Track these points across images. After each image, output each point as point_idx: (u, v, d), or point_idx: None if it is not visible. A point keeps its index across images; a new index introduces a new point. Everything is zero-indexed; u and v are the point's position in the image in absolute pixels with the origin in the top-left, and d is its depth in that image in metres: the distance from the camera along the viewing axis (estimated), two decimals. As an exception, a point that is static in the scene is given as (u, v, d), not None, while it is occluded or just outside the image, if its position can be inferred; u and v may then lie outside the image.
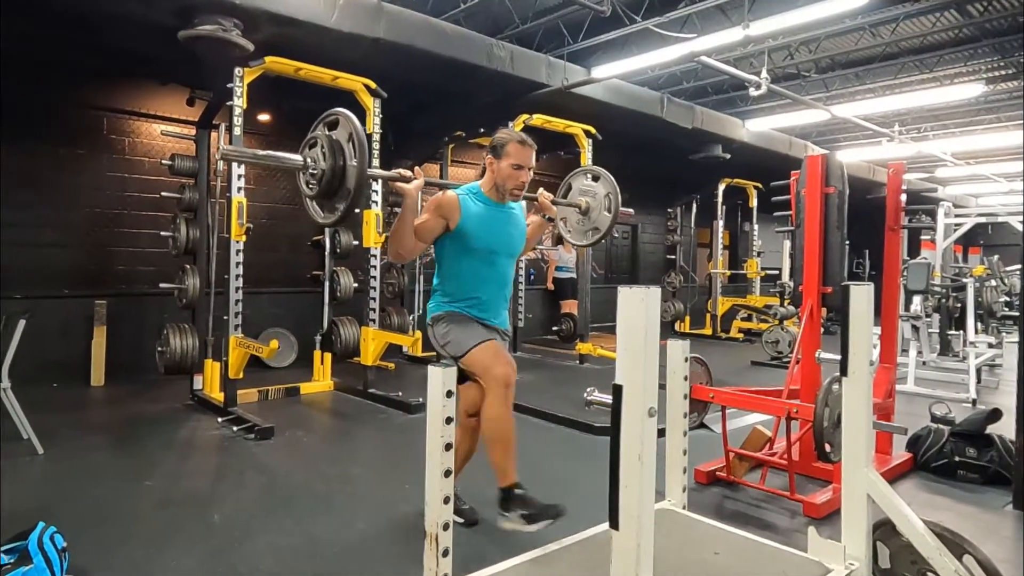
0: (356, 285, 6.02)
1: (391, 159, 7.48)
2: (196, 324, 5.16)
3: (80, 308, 5.76)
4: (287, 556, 2.55)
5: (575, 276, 8.36)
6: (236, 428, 4.27)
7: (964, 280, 6.59)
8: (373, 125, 5.22)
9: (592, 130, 6.94)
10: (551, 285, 9.08)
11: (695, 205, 10.80)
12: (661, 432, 1.83)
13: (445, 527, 1.65)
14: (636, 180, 11.06)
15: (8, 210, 5.39)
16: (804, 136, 10.40)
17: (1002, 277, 7.54)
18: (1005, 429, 3.55)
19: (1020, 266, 8.73)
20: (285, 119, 7.02)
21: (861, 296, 2.01)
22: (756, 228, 10.86)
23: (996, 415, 3.62)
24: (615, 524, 1.41)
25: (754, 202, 10.78)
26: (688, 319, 10.39)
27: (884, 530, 2.01)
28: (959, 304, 6.49)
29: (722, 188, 10.30)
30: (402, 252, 2.47)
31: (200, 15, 4.34)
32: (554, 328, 8.10)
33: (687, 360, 2.42)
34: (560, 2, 5.67)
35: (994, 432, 3.56)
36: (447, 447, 1.65)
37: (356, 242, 5.88)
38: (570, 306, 8.31)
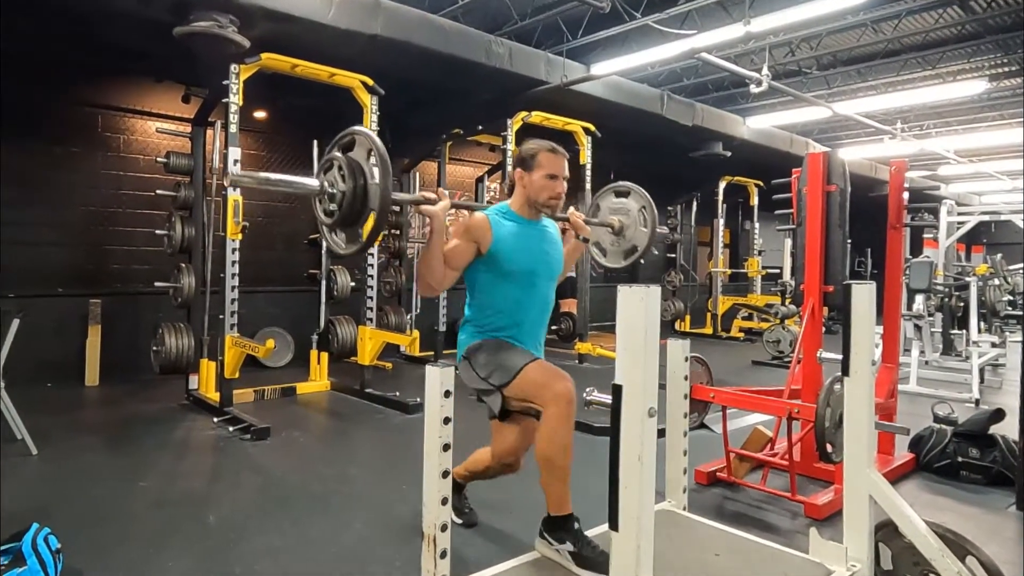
0: (353, 284, 5.99)
1: (389, 157, 7.44)
2: (192, 323, 5.14)
3: (75, 307, 5.72)
4: (283, 557, 2.53)
5: (574, 275, 8.32)
6: (232, 428, 4.25)
7: (967, 279, 6.55)
8: (370, 123, 5.19)
9: (591, 127, 6.91)
10: None
11: (695, 203, 10.76)
12: (661, 432, 1.82)
13: (443, 528, 1.65)
14: (636, 178, 10.88)
15: (2, 208, 5.34)
16: (805, 133, 10.37)
17: (1005, 276, 7.52)
18: (1008, 429, 3.54)
19: (1023, 265, 8.74)
20: (281, 116, 6.99)
21: (863, 295, 2.01)
22: (757, 226, 10.83)
23: (999, 415, 3.60)
24: (615, 525, 1.40)
25: (755, 200, 10.74)
26: (688, 318, 10.35)
27: (886, 531, 2.01)
28: (962, 303, 6.46)
29: (723, 186, 10.27)
30: (433, 283, 2.21)
31: (196, 11, 4.32)
32: (553, 327, 8.05)
33: (687, 360, 2.43)
34: (559, -2, 5.65)
35: (997, 432, 3.54)
36: (445, 448, 1.65)
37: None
38: (569, 305, 8.27)
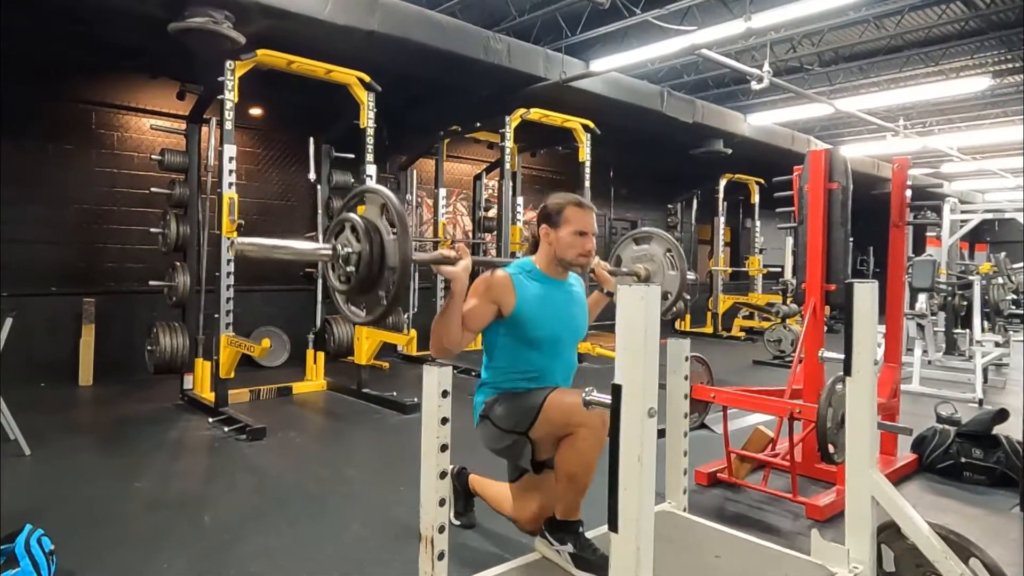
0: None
1: (386, 154, 7.43)
2: (186, 322, 5.10)
3: (68, 306, 5.68)
4: (279, 558, 2.51)
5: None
6: (227, 428, 4.22)
7: (970, 277, 6.52)
8: (367, 119, 5.15)
9: (591, 124, 6.88)
10: None
11: (696, 201, 10.76)
12: (661, 433, 1.81)
13: (441, 529, 1.66)
14: (636, 175, 11.08)
15: (-3, 206, 5.33)
16: (807, 131, 10.35)
17: (1009, 274, 7.47)
18: (1012, 430, 3.51)
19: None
20: (278, 113, 6.95)
21: (865, 294, 2.00)
22: (758, 224, 10.78)
23: (1003, 415, 3.58)
24: (614, 527, 1.39)
25: (756, 198, 10.69)
26: (689, 317, 10.32)
27: (888, 533, 2.00)
28: (965, 302, 6.42)
29: (723, 184, 10.22)
30: (449, 347, 2.05)
31: (191, 7, 4.29)
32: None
33: (687, 359, 2.41)
34: (558, -6, 5.63)
35: (1001, 433, 3.51)
36: (442, 448, 1.65)
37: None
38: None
